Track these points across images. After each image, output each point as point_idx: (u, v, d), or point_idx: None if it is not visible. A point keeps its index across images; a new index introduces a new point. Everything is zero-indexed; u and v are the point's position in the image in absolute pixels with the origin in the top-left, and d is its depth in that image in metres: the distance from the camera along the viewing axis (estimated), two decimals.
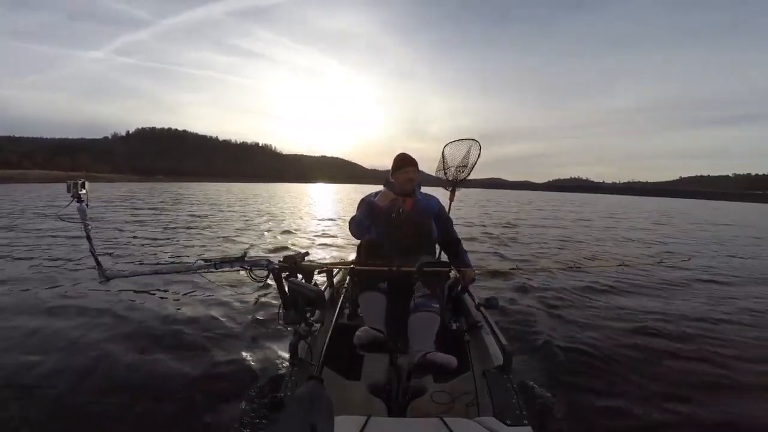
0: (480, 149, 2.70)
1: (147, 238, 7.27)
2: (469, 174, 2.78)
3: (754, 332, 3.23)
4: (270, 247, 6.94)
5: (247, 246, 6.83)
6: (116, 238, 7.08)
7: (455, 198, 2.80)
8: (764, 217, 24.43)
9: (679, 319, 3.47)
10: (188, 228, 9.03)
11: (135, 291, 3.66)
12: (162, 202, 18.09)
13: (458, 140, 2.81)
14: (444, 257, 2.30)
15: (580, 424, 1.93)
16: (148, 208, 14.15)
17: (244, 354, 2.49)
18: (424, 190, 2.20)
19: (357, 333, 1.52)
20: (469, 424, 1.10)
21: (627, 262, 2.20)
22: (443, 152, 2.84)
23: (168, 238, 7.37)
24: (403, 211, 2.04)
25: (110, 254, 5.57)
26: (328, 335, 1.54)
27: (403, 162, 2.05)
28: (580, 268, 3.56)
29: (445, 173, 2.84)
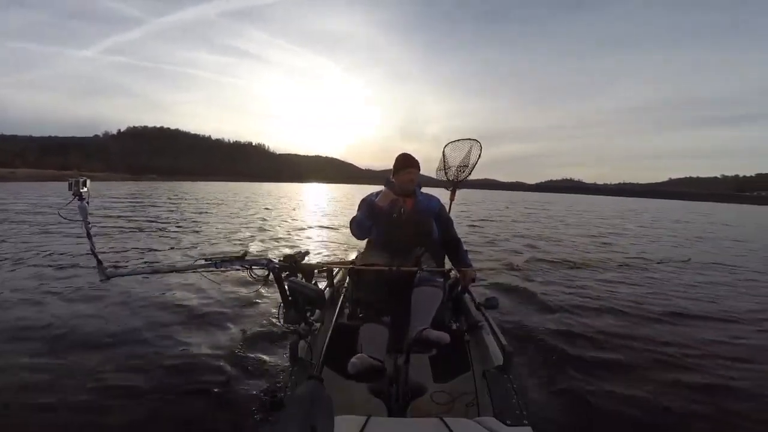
0: (481, 149, 2.70)
1: (148, 237, 7.27)
2: (469, 174, 2.78)
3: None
4: (267, 244, 6.94)
5: (246, 245, 6.83)
6: (117, 238, 7.08)
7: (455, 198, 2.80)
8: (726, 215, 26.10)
9: (679, 319, 3.48)
10: (189, 228, 9.03)
11: (135, 290, 3.66)
12: (169, 200, 18.12)
13: (459, 140, 2.81)
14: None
15: (580, 425, 1.93)
16: (149, 207, 14.16)
17: (244, 354, 2.49)
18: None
19: (352, 360, 1.42)
20: (469, 424, 1.10)
21: (627, 262, 2.20)
22: (444, 152, 2.84)
23: (168, 238, 7.37)
24: (404, 212, 2.04)
25: (111, 253, 5.57)
26: (328, 335, 1.54)
27: (405, 163, 2.05)
28: (580, 268, 3.56)
29: (446, 173, 2.83)
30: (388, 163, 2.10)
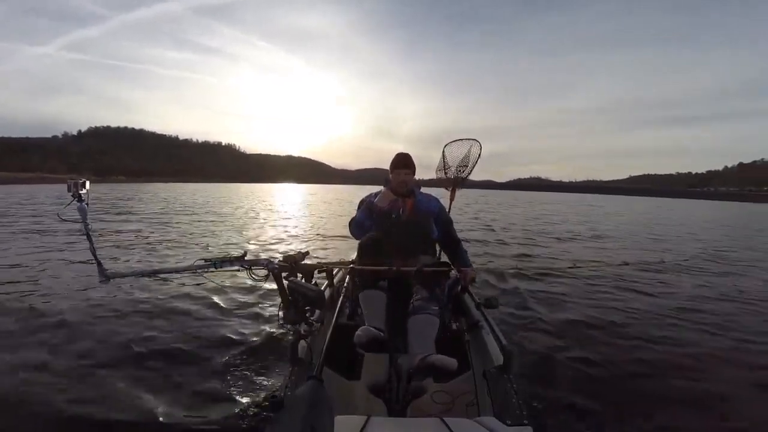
0: (480, 149, 2.71)
1: (148, 237, 7.27)
2: (470, 173, 2.78)
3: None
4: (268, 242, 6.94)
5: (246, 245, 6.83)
6: (117, 238, 7.08)
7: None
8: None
9: (678, 319, 3.47)
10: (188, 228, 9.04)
11: (135, 291, 3.66)
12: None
13: (459, 140, 2.82)
14: (444, 257, 2.29)
15: (580, 424, 1.93)
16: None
17: (243, 354, 2.49)
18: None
19: (357, 332, 1.52)
20: (469, 424, 1.10)
21: (628, 261, 2.20)
22: (443, 152, 2.85)
23: (168, 239, 7.37)
24: (403, 212, 2.03)
25: (111, 254, 5.57)
26: (328, 335, 1.54)
27: (399, 163, 2.03)
28: (580, 267, 3.55)
29: (446, 173, 2.84)
30: (363, 163, 2.09)
